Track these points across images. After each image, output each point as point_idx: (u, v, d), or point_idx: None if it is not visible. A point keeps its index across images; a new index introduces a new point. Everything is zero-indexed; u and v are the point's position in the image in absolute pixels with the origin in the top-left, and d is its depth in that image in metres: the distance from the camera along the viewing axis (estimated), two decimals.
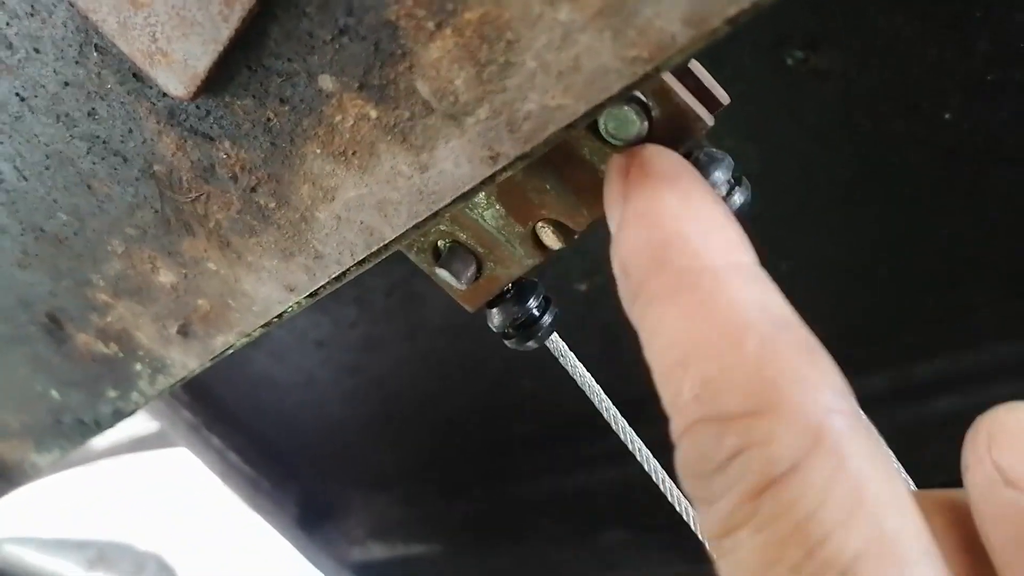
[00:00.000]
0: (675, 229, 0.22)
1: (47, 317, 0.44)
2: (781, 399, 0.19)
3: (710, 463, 0.20)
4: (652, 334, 0.22)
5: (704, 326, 0.21)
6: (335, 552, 1.12)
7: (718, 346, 0.20)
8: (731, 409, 0.20)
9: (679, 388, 0.21)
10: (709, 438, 0.20)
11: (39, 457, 0.60)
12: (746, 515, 0.19)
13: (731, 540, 0.19)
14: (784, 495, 0.18)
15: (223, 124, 0.29)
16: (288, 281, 0.33)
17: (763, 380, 0.20)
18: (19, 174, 0.36)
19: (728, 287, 0.21)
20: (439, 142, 0.25)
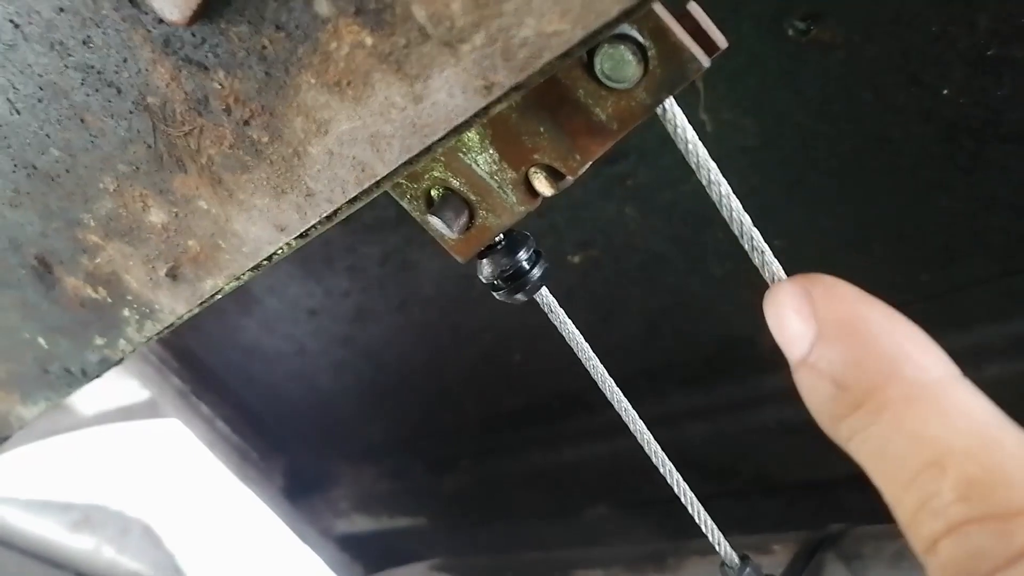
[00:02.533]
0: (896, 343, 0.24)
1: (37, 260, 0.44)
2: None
3: (990, 562, 0.20)
4: (888, 442, 0.22)
5: (952, 427, 0.22)
6: (320, 523, 1.12)
7: (978, 447, 0.21)
8: (1014, 506, 0.20)
9: (935, 490, 0.21)
10: (988, 536, 0.20)
11: (25, 409, 0.59)
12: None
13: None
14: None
15: (218, 53, 0.28)
16: (279, 220, 0.33)
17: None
18: (12, 107, 0.36)
19: (964, 395, 0.23)
20: (434, 71, 0.25)
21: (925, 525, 0.22)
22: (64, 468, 1.11)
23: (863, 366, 0.24)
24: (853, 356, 0.24)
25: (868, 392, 0.23)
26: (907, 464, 0.22)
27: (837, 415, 0.24)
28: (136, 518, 1.13)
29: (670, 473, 0.46)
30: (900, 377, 0.23)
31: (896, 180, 0.56)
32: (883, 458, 0.23)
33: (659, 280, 0.68)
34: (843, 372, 0.24)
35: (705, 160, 0.31)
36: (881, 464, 0.23)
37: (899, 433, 0.23)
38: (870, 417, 0.23)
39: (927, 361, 0.24)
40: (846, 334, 0.24)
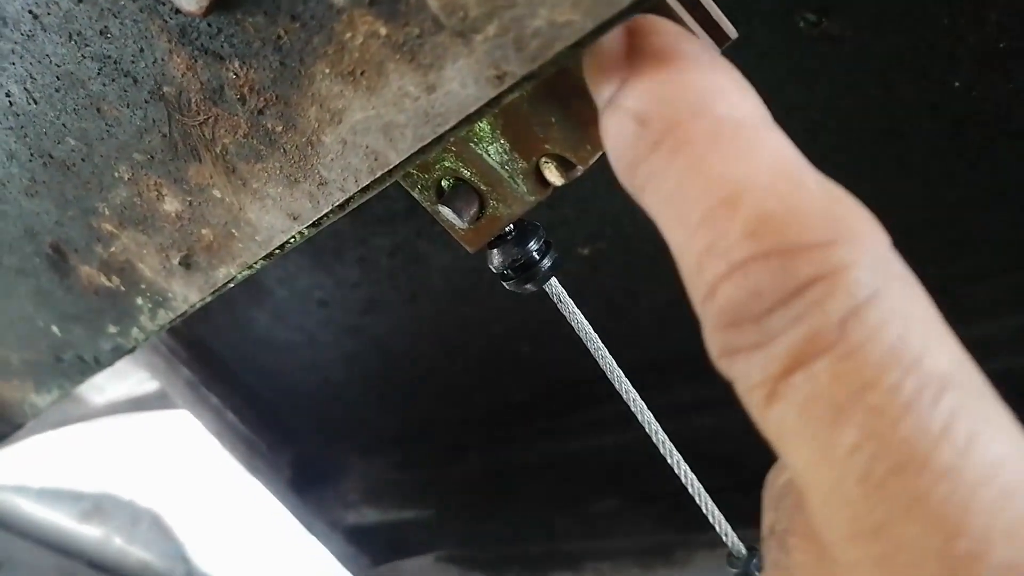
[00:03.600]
0: (712, 80, 0.21)
1: (52, 248, 0.44)
2: (856, 230, 0.19)
3: (767, 300, 0.19)
4: (682, 180, 0.20)
5: (754, 165, 0.20)
6: (328, 515, 1.13)
7: (776, 183, 0.19)
8: (802, 239, 0.19)
9: (724, 228, 0.19)
10: (771, 273, 0.19)
11: (38, 397, 0.60)
12: (825, 343, 0.18)
13: (802, 375, 0.18)
14: (872, 319, 0.18)
15: (234, 43, 0.29)
16: (292, 209, 0.33)
17: (834, 214, 0.19)
18: (29, 96, 0.36)
19: (773, 136, 0.21)
20: (447, 61, 0.25)
21: (708, 270, 0.20)
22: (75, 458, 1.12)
23: (669, 100, 0.21)
24: (661, 90, 0.21)
25: (670, 127, 0.21)
26: (700, 204, 0.20)
27: (635, 159, 0.21)
28: (146, 508, 1.14)
29: (678, 464, 0.46)
30: (708, 112, 0.21)
31: (904, 174, 0.56)
32: (675, 202, 0.20)
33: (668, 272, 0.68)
34: (647, 107, 0.21)
35: None
36: (672, 209, 0.21)
37: (697, 171, 0.20)
38: (668, 156, 0.21)
39: (740, 100, 0.21)
40: (658, 68, 0.22)
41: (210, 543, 1.17)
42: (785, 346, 0.19)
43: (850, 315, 0.18)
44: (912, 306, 0.19)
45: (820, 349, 0.18)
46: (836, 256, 0.19)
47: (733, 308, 0.19)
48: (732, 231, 0.19)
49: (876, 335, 0.18)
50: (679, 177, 0.20)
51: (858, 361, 0.18)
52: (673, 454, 0.46)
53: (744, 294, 0.19)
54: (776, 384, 0.19)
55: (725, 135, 0.20)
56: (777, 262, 0.19)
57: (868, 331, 0.18)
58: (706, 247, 0.20)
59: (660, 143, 0.21)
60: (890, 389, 0.17)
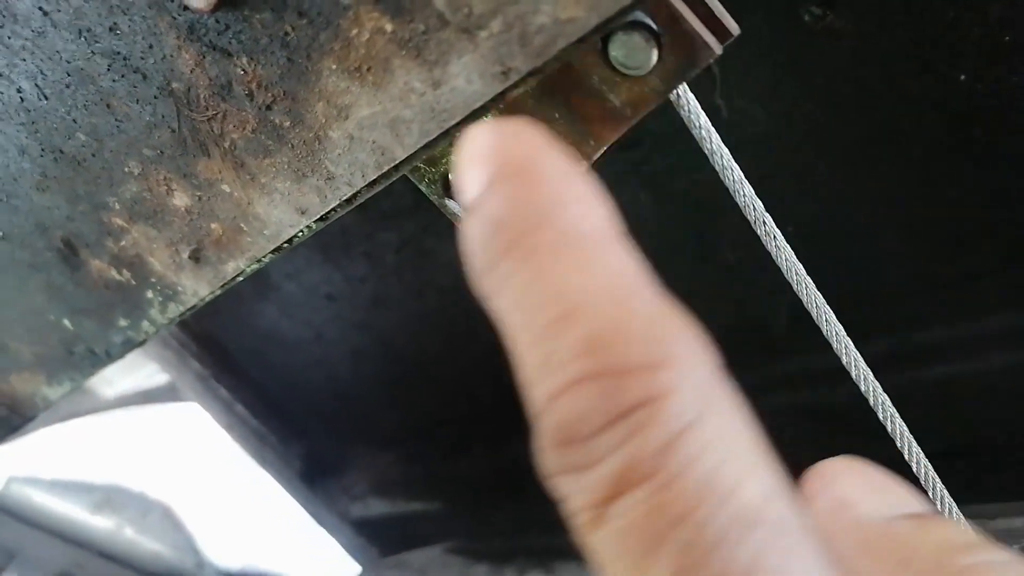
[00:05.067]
0: (562, 190, 0.21)
1: (63, 242, 0.45)
2: (678, 353, 0.19)
3: (594, 423, 0.19)
4: (527, 290, 0.20)
5: (592, 280, 0.20)
6: (336, 507, 1.14)
7: (609, 300, 0.19)
8: (627, 362, 0.19)
9: (560, 344, 0.19)
10: (598, 395, 0.19)
11: (50, 390, 0.61)
12: (644, 472, 0.18)
13: (622, 503, 0.18)
14: (690, 448, 0.18)
15: (241, 39, 0.29)
16: (300, 203, 0.34)
17: (659, 336, 0.19)
18: (40, 92, 0.37)
19: (614, 251, 0.21)
20: (452, 57, 0.25)
21: (541, 385, 0.20)
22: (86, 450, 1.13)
23: (524, 210, 0.21)
24: (515, 197, 0.21)
25: (521, 234, 0.21)
26: (540, 317, 0.20)
27: (487, 263, 0.22)
28: (156, 499, 1.15)
29: None
30: (555, 223, 0.21)
31: (907, 169, 0.56)
32: (518, 311, 0.20)
33: (672, 266, 0.68)
34: (500, 212, 0.21)
35: (719, 146, 0.32)
36: (515, 317, 0.21)
37: (540, 283, 0.20)
38: (516, 264, 0.21)
39: (587, 212, 0.21)
40: (519, 176, 0.22)
41: (220, 534, 1.18)
42: (608, 471, 0.19)
43: (668, 444, 0.18)
44: (731, 434, 0.19)
45: (640, 477, 0.18)
46: (658, 381, 0.19)
47: (563, 427, 0.19)
48: (565, 348, 0.19)
49: (691, 465, 0.18)
50: (523, 286, 0.20)
51: (673, 492, 0.18)
52: None
53: (573, 414, 0.19)
54: (599, 509, 0.19)
55: (568, 246, 0.20)
56: (603, 384, 0.19)
57: (684, 461, 0.18)
58: (542, 362, 0.20)
59: (510, 250, 0.21)
60: (700, 523, 0.17)
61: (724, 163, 0.32)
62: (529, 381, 0.20)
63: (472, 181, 0.23)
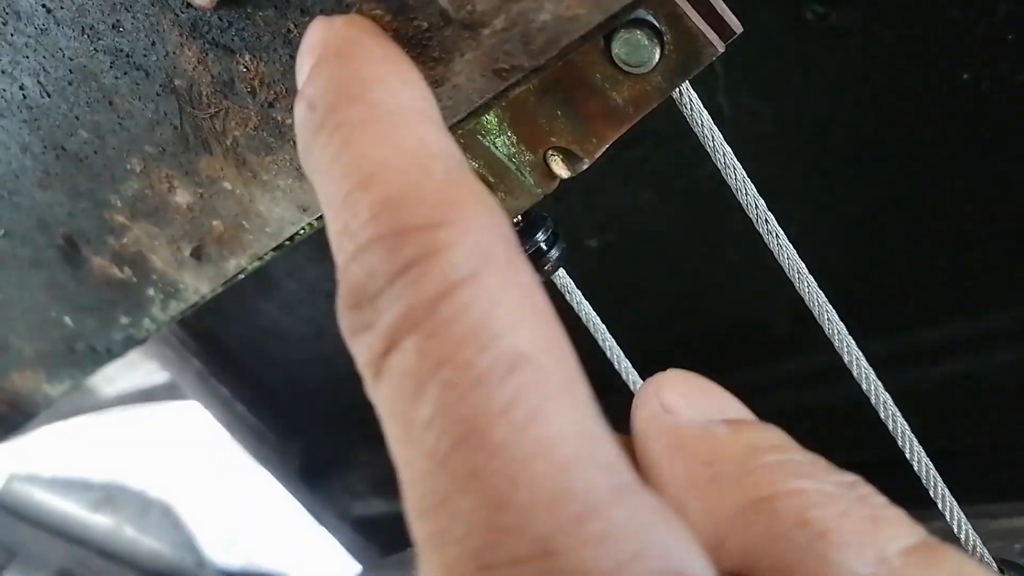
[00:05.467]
0: (376, 70, 0.22)
1: (64, 240, 0.45)
2: (465, 214, 0.19)
3: (378, 281, 0.19)
4: (332, 162, 0.21)
5: (393, 150, 0.20)
6: (336, 505, 1.14)
7: (406, 167, 0.20)
8: (412, 221, 0.19)
9: (356, 210, 0.20)
10: (383, 253, 0.19)
11: (51, 387, 0.61)
12: (416, 321, 0.18)
13: (397, 353, 0.19)
14: (461, 298, 0.18)
15: (244, 36, 0.29)
16: (302, 201, 0.34)
17: (448, 198, 0.20)
18: (42, 89, 0.37)
19: (421, 125, 0.21)
20: (455, 55, 0.25)
21: (340, 251, 0.20)
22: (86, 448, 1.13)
23: (332, 87, 0.22)
24: (328, 78, 0.22)
25: (330, 111, 0.21)
26: (341, 186, 0.20)
27: (303, 144, 0.22)
28: (156, 498, 1.15)
29: None
30: (364, 99, 0.21)
31: (912, 166, 0.56)
32: (325, 183, 0.21)
33: (675, 264, 0.68)
34: (315, 93, 0.22)
35: (721, 144, 0.32)
36: (323, 191, 0.21)
37: (342, 154, 0.21)
38: (325, 139, 0.21)
39: (399, 90, 0.22)
40: (336, 58, 0.22)
41: (220, 533, 1.18)
42: (385, 324, 0.19)
43: (441, 295, 0.18)
44: (506, 288, 0.19)
45: (411, 327, 0.18)
46: (438, 238, 0.19)
47: (354, 289, 0.20)
48: (360, 213, 0.20)
49: (460, 314, 0.18)
50: (330, 159, 0.21)
51: (440, 339, 0.18)
52: None
53: (362, 275, 0.19)
54: (379, 363, 0.19)
55: (376, 120, 0.21)
56: (389, 243, 0.19)
57: (454, 310, 0.18)
58: (341, 229, 0.20)
59: (320, 128, 0.21)
60: (462, 365, 0.18)
61: (726, 161, 0.32)
62: (333, 251, 0.21)
63: (300, 70, 0.23)
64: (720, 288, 0.68)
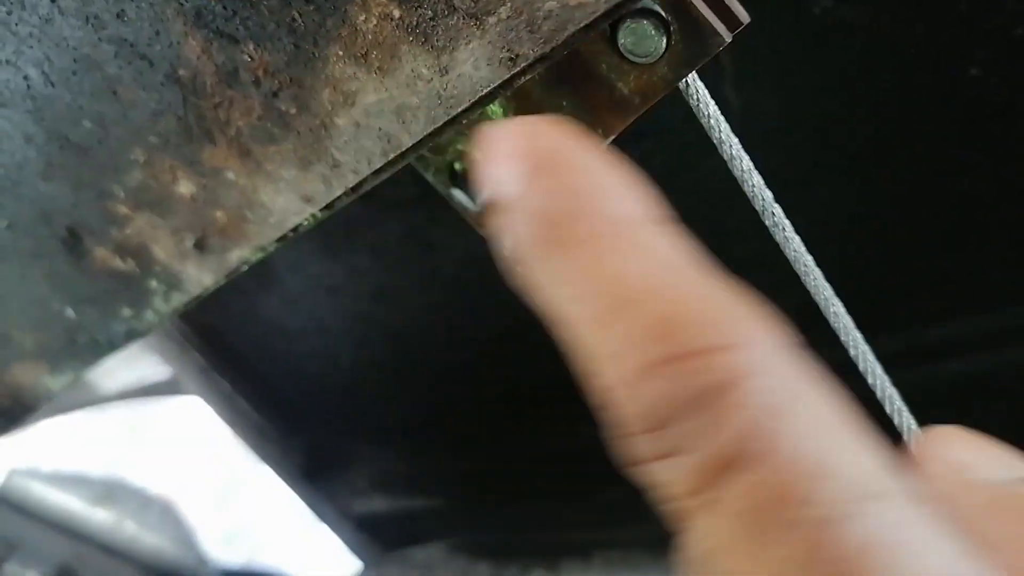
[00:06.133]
0: (603, 179, 0.22)
1: (67, 231, 0.45)
2: (751, 332, 0.19)
3: (677, 407, 0.19)
4: (578, 279, 0.21)
5: (649, 266, 0.20)
6: (338, 503, 1.14)
7: (676, 283, 0.20)
8: (703, 344, 0.19)
9: (622, 332, 0.19)
10: (677, 378, 0.19)
11: (52, 380, 0.60)
12: (745, 453, 0.18)
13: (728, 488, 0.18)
14: (787, 428, 0.18)
15: (248, 25, 0.29)
16: (305, 191, 0.33)
17: (728, 317, 0.19)
18: (46, 79, 0.37)
19: (664, 236, 0.21)
20: (460, 43, 0.25)
21: (616, 370, 0.20)
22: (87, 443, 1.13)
23: (566, 200, 0.21)
24: (558, 190, 0.22)
25: (563, 225, 0.21)
26: (598, 306, 0.20)
27: (530, 257, 0.22)
28: (157, 493, 1.15)
29: None
30: (601, 212, 0.21)
31: (918, 162, 0.56)
32: (572, 301, 0.21)
33: None
34: (542, 206, 0.21)
35: (727, 135, 0.32)
36: (570, 308, 0.21)
37: (592, 271, 0.20)
38: (563, 255, 0.21)
39: (631, 197, 0.22)
40: (556, 167, 0.22)
41: (221, 529, 1.18)
42: (704, 457, 0.18)
43: (765, 425, 0.18)
44: (825, 411, 0.19)
45: (740, 461, 0.18)
46: (740, 362, 0.19)
47: (650, 413, 0.19)
48: (633, 334, 0.19)
49: (790, 446, 0.18)
50: (573, 276, 0.21)
51: (778, 476, 0.18)
52: None
53: (659, 398, 0.19)
54: (702, 495, 0.19)
55: (617, 234, 0.21)
56: (684, 367, 0.19)
57: (785, 443, 0.18)
58: (609, 351, 0.20)
59: (556, 243, 0.21)
60: (811, 503, 0.17)
61: (733, 152, 0.31)
62: (595, 370, 0.20)
63: (501, 178, 0.23)
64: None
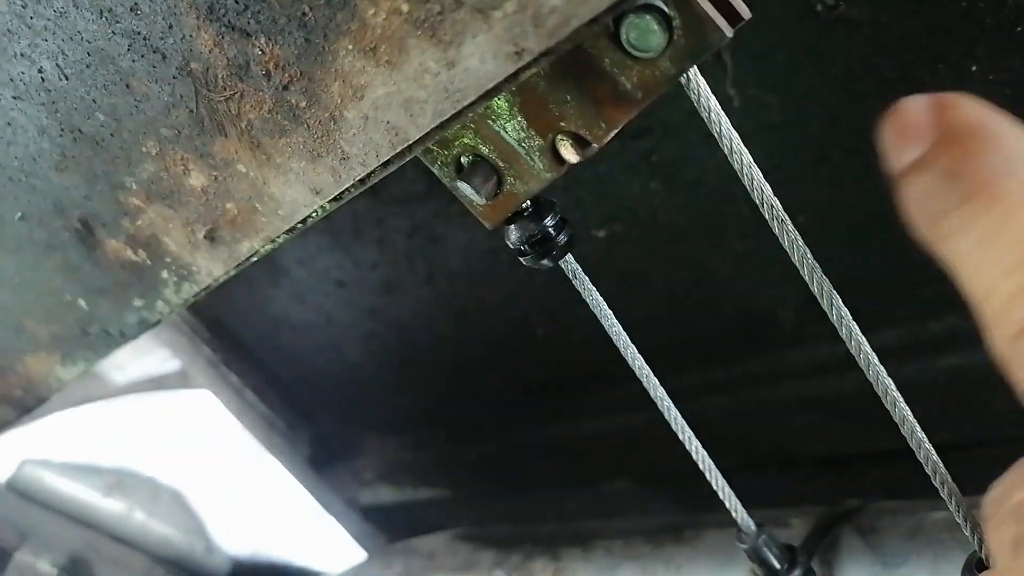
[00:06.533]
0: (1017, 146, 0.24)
1: (80, 222, 0.46)
2: None
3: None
4: (991, 233, 0.23)
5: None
6: (344, 494, 1.14)
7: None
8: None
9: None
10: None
11: (64, 370, 0.61)
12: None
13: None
14: None
15: (260, 19, 0.30)
16: (314, 183, 0.34)
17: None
18: (60, 72, 0.37)
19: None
20: (467, 37, 0.26)
21: (1019, 308, 0.23)
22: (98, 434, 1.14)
23: (983, 161, 0.24)
24: (973, 153, 0.24)
25: (984, 184, 0.24)
26: (1013, 251, 0.23)
27: (943, 210, 0.24)
28: (166, 484, 1.16)
29: (689, 440, 0.47)
30: (1016, 174, 0.23)
31: None
32: (983, 248, 0.24)
33: (682, 255, 0.68)
34: (960, 167, 0.24)
35: (728, 130, 0.32)
36: (979, 254, 0.24)
37: (1008, 225, 0.23)
38: (979, 209, 0.24)
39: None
40: (967, 135, 0.25)
41: (229, 519, 1.19)
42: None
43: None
44: None
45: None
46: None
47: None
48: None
49: None
50: (991, 227, 0.23)
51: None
52: (685, 430, 0.46)
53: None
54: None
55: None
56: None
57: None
58: (1019, 289, 0.23)
59: (972, 197, 0.24)
60: None
61: (733, 147, 0.32)
62: (997, 309, 0.23)
63: (915, 141, 0.25)
64: (727, 278, 0.68)
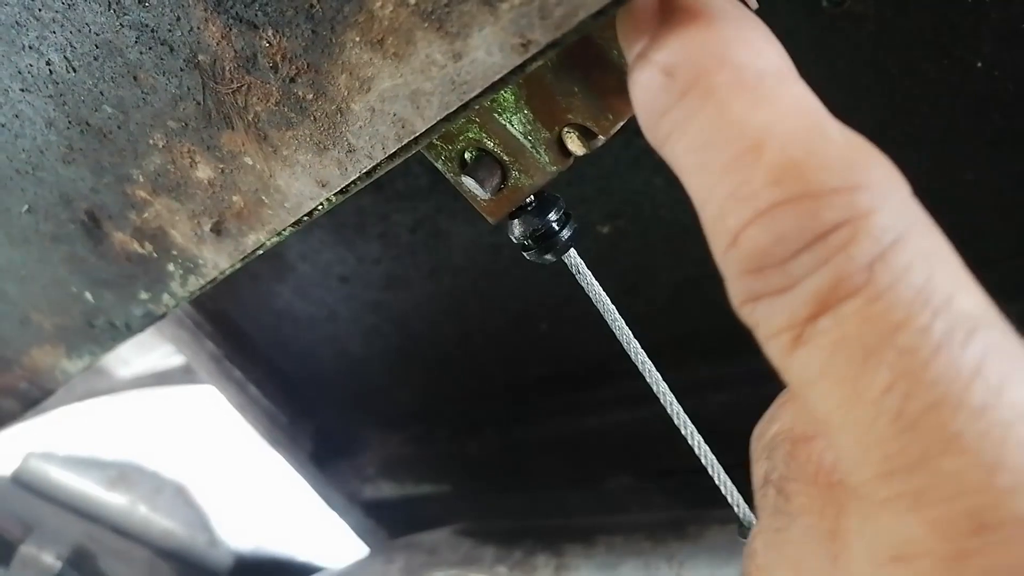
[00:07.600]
0: (736, 31, 0.22)
1: (86, 215, 0.46)
2: (875, 177, 0.20)
3: (791, 245, 0.19)
4: (707, 127, 0.21)
5: (778, 113, 0.20)
6: (346, 488, 1.15)
7: (800, 131, 0.20)
8: (824, 185, 0.19)
9: (748, 175, 0.20)
10: (795, 218, 0.19)
11: (70, 363, 0.61)
12: (853, 285, 0.19)
13: (830, 318, 0.19)
14: (899, 261, 0.19)
15: (268, 11, 0.30)
16: (321, 176, 0.34)
17: (855, 161, 0.20)
18: (68, 65, 0.38)
19: (795, 86, 0.21)
20: (473, 29, 0.26)
21: (731, 216, 0.20)
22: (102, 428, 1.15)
23: (695, 51, 0.21)
24: (688, 42, 0.22)
25: (696, 77, 0.21)
26: (723, 151, 0.20)
27: (661, 109, 0.22)
28: (169, 478, 1.16)
29: (692, 435, 0.47)
30: (732, 62, 0.21)
31: (923, 154, 0.56)
32: (698, 149, 0.21)
33: (685, 251, 0.68)
34: (674, 59, 0.22)
35: None
36: (695, 157, 0.21)
37: (720, 119, 0.21)
38: (693, 105, 0.21)
39: (764, 51, 0.22)
40: (685, 22, 0.22)
41: (231, 513, 1.19)
42: (811, 290, 0.19)
43: (876, 259, 0.19)
44: (936, 250, 0.19)
45: (847, 292, 0.19)
46: (860, 201, 0.19)
47: (757, 254, 0.20)
48: (756, 178, 0.20)
49: (903, 278, 0.19)
50: (703, 125, 0.21)
51: (887, 303, 0.18)
52: (687, 424, 0.46)
53: (768, 239, 0.20)
54: (802, 328, 0.19)
55: (749, 84, 0.21)
56: (801, 207, 0.19)
57: (895, 274, 0.19)
58: (729, 193, 0.20)
59: (685, 93, 0.21)
60: (920, 330, 0.18)
61: None
62: (713, 217, 0.21)
63: (640, 33, 0.23)
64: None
